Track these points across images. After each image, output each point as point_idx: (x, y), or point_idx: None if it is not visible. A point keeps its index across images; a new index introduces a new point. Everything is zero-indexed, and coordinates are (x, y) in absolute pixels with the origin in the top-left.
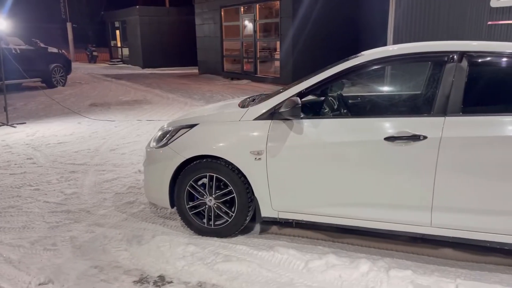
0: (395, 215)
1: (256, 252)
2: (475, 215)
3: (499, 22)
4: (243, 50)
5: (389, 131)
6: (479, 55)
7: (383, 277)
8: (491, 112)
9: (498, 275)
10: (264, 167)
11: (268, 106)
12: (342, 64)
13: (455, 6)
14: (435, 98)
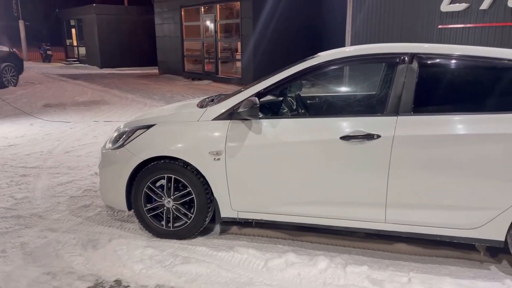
0: (352, 212)
1: (216, 253)
2: (426, 211)
3: (448, 25)
4: (204, 51)
5: (344, 131)
6: (429, 57)
7: (340, 273)
8: (441, 111)
9: (447, 267)
10: (223, 167)
11: (226, 106)
12: (299, 65)
13: (409, 10)
14: (388, 98)
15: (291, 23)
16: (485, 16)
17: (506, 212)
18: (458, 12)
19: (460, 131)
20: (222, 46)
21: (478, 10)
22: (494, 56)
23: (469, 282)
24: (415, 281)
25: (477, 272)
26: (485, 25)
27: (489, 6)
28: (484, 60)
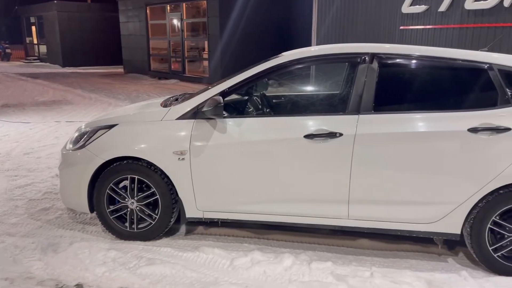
0: (316, 209)
1: (181, 253)
2: (387, 206)
3: (409, 27)
4: (171, 49)
5: (308, 129)
6: (388, 57)
7: (305, 269)
8: (400, 110)
9: (408, 261)
10: (188, 167)
11: (191, 105)
12: (263, 64)
13: (371, 11)
14: (350, 97)
15: (261, 23)
16: (444, 18)
17: (461, 206)
18: (418, 13)
19: (418, 129)
20: (189, 45)
21: (437, 12)
22: (448, 56)
23: (427, 274)
24: (377, 275)
25: (436, 265)
26: (444, 26)
27: (447, 8)
28: (440, 60)
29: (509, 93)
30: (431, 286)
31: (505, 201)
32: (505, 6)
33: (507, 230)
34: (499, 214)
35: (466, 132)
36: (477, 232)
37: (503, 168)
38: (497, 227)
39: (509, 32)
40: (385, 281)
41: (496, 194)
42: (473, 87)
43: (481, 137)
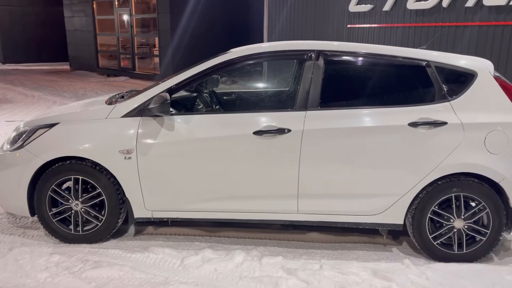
0: (266, 205)
1: (130, 254)
2: (334, 200)
3: (356, 25)
4: (120, 46)
5: (257, 126)
6: (334, 54)
7: (256, 265)
8: (345, 106)
9: (355, 252)
10: (135, 166)
11: (136, 102)
12: (211, 60)
13: (320, 9)
14: (297, 94)
15: (214, 19)
16: (388, 17)
17: (403, 197)
18: (364, 12)
19: (362, 124)
20: (139, 42)
21: (381, 11)
22: (389, 53)
23: (373, 264)
24: (326, 267)
25: (381, 255)
26: (388, 25)
27: (391, 8)
28: (382, 58)
29: (445, 89)
30: (377, 275)
31: (443, 191)
32: (443, 6)
33: (445, 219)
34: (438, 204)
35: (406, 126)
36: (418, 222)
37: (441, 160)
38: (436, 216)
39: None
40: (333, 272)
41: (435, 185)
42: (413, 83)
43: (421, 131)
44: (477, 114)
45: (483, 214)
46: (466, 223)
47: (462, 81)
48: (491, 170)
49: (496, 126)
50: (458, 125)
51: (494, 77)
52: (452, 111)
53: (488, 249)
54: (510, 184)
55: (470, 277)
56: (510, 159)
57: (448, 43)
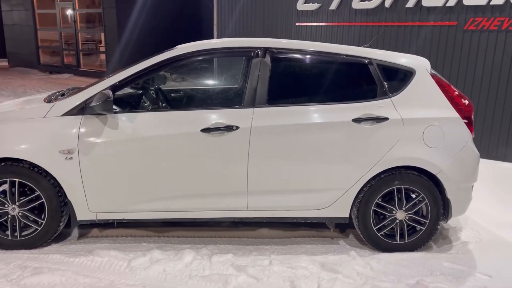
0: (216, 203)
1: (73, 259)
2: (282, 195)
3: (304, 23)
4: (63, 42)
5: (205, 123)
6: (280, 52)
7: (206, 264)
8: (292, 102)
9: (304, 246)
10: (77, 167)
11: (77, 100)
12: (156, 57)
13: (270, 7)
14: (245, 91)
15: (164, 15)
16: (334, 16)
17: (349, 191)
18: (312, 11)
19: (308, 120)
20: (84, 37)
21: (328, 10)
22: (334, 51)
23: (321, 257)
24: (275, 263)
25: (329, 248)
26: (335, 24)
27: (337, 7)
28: (327, 55)
29: (387, 86)
30: (324, 268)
31: (386, 184)
32: (386, 6)
33: (388, 211)
34: (381, 197)
35: (350, 122)
36: (363, 214)
37: (383, 154)
38: (380, 208)
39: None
40: (283, 267)
41: (378, 178)
42: (356, 81)
43: (364, 126)
44: (416, 110)
45: (423, 205)
46: (407, 214)
47: (401, 79)
48: (429, 163)
49: (433, 121)
50: (399, 121)
51: (431, 75)
52: (393, 107)
53: (427, 238)
54: (446, 176)
55: (411, 266)
56: (446, 152)
57: (391, 42)
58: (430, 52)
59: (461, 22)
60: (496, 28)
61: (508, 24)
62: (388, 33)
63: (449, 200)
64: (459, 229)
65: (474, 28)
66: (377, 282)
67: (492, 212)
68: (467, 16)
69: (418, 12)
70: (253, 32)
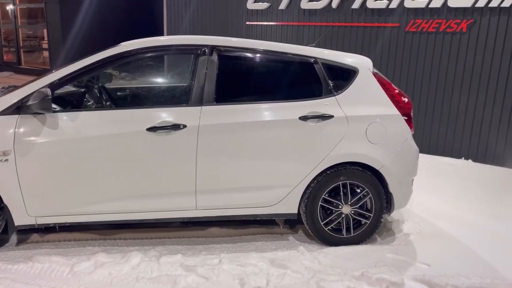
0: (164, 203)
1: (11, 266)
2: (232, 194)
3: (254, 22)
4: (2, 38)
5: (151, 122)
6: (227, 50)
7: (154, 265)
8: (240, 101)
9: (254, 243)
10: (13, 169)
11: (12, 99)
12: (98, 54)
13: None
14: (192, 89)
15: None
16: (284, 15)
17: (296, 188)
18: (262, 10)
19: (256, 119)
20: (25, 34)
21: (277, 10)
22: (281, 50)
23: (271, 253)
24: (225, 261)
25: (278, 244)
26: (285, 23)
27: (286, 6)
28: (274, 54)
29: (331, 85)
30: (274, 264)
31: (332, 180)
32: (333, 7)
33: (334, 206)
34: (328, 192)
35: (297, 120)
36: (311, 210)
37: (329, 151)
38: (327, 203)
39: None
40: (233, 265)
41: (324, 174)
42: (303, 79)
43: (310, 124)
44: (359, 108)
45: (367, 199)
46: (352, 209)
47: (345, 77)
48: (372, 158)
49: (375, 119)
50: (343, 118)
51: (373, 74)
52: (338, 105)
53: (372, 231)
54: (389, 171)
55: (357, 258)
56: (387, 148)
57: (338, 42)
58: (375, 52)
59: (402, 24)
60: (434, 30)
61: (445, 26)
62: (335, 33)
63: (392, 194)
64: (401, 221)
65: (415, 29)
66: (324, 275)
67: (431, 205)
68: (408, 18)
69: (363, 13)
70: (204, 30)
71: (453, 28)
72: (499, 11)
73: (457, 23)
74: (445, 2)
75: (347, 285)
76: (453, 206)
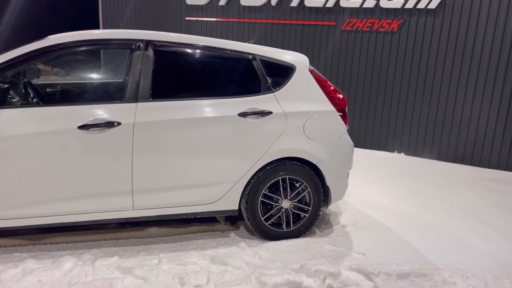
0: (98, 204)
1: None
2: (170, 192)
3: (194, 18)
4: None
5: (83, 119)
6: (163, 45)
7: (89, 269)
8: (178, 97)
9: (195, 242)
10: None
11: None
12: (23, 48)
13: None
14: (127, 84)
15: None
16: (224, 11)
17: (237, 184)
18: (201, 6)
19: (195, 115)
20: None
21: (217, 6)
22: (219, 46)
23: (212, 251)
24: (164, 261)
25: (219, 241)
26: (225, 19)
27: (225, 3)
28: (212, 50)
29: (270, 81)
30: (214, 261)
31: (272, 175)
32: (272, 5)
33: (274, 201)
34: (268, 187)
35: (236, 116)
36: (251, 206)
37: (269, 147)
38: (267, 199)
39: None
40: (172, 265)
41: (264, 170)
42: (241, 76)
43: (250, 120)
44: (297, 104)
45: (306, 193)
46: (292, 203)
47: (283, 74)
48: (310, 153)
49: (312, 115)
50: (281, 114)
51: (309, 71)
52: (276, 102)
53: (311, 224)
54: (325, 165)
55: (297, 251)
56: (324, 143)
57: (277, 39)
58: (313, 49)
59: (339, 23)
60: (368, 29)
61: (378, 26)
62: (274, 31)
63: (329, 187)
64: (339, 213)
65: (350, 28)
66: (264, 270)
67: (366, 196)
68: (344, 17)
69: (302, 12)
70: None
71: (385, 28)
72: (426, 12)
73: (388, 23)
74: (377, 2)
75: (287, 278)
76: (387, 197)
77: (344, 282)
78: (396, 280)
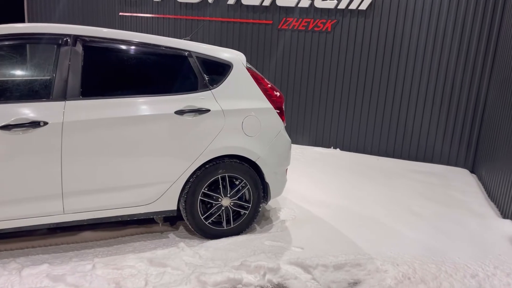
0: (24, 209)
1: None
2: (103, 194)
3: (128, 13)
4: None
5: (4, 119)
6: (93, 40)
7: (15, 279)
8: (110, 95)
9: (132, 244)
10: None
11: None
12: None
13: None
14: (54, 82)
15: None
16: (159, 7)
17: (175, 184)
18: (135, 1)
19: (129, 114)
20: None
21: (152, 2)
22: (153, 42)
23: (150, 253)
24: (99, 266)
25: (158, 242)
26: (160, 16)
27: None
28: (146, 46)
29: (207, 79)
30: (153, 263)
31: (211, 174)
32: (209, 2)
33: (214, 199)
34: (207, 186)
35: (173, 114)
36: (190, 205)
37: (207, 145)
38: (207, 197)
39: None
40: (108, 269)
41: (203, 168)
42: (178, 73)
43: (187, 118)
44: (235, 101)
45: (245, 190)
46: (232, 201)
47: (220, 72)
48: (249, 151)
49: (250, 112)
50: (219, 112)
51: (246, 68)
52: (214, 99)
53: (251, 221)
54: (264, 162)
55: (237, 249)
56: (262, 140)
57: (215, 36)
58: (251, 47)
59: (275, 22)
60: (304, 28)
61: (313, 25)
62: (212, 28)
63: (268, 183)
64: (278, 209)
65: (287, 27)
66: (204, 269)
67: (305, 191)
68: (280, 16)
69: (239, 9)
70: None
71: (320, 27)
72: (357, 12)
73: (323, 22)
74: (312, 2)
75: (227, 276)
76: (324, 191)
77: (283, 276)
78: (332, 271)
